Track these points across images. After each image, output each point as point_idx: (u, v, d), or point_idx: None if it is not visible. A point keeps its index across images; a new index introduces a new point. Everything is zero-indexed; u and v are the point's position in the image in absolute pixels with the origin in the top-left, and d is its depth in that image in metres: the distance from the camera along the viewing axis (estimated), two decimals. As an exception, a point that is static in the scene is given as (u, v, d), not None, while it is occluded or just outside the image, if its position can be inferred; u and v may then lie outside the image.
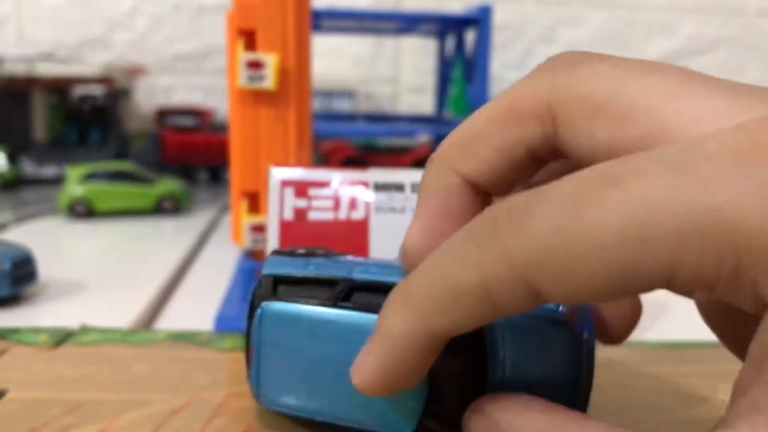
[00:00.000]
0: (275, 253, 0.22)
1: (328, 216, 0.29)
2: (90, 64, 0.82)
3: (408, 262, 0.18)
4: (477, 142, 0.18)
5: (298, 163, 0.37)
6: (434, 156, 0.18)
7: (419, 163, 0.79)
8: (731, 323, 0.18)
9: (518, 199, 0.14)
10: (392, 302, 0.16)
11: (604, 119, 0.16)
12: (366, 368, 0.16)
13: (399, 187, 0.29)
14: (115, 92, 0.86)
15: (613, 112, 0.16)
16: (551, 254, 0.13)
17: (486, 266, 0.14)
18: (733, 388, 0.13)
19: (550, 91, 0.17)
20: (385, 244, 0.29)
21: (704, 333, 0.20)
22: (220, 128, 0.86)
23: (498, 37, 0.99)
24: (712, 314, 0.19)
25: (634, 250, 0.12)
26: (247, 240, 0.36)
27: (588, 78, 0.16)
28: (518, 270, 0.13)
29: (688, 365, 0.28)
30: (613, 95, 0.16)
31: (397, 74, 0.99)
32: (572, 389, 0.18)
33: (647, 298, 0.19)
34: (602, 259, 0.13)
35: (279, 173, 0.29)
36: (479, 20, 0.46)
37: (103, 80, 0.80)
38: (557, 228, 0.13)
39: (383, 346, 0.16)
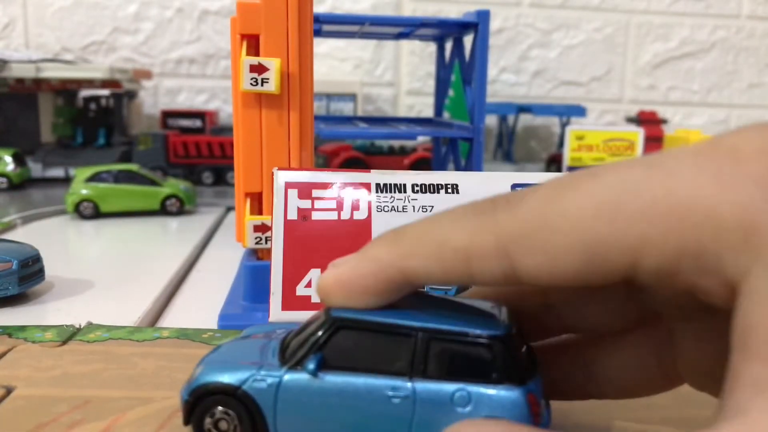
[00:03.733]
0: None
1: (332, 216, 0.29)
2: (96, 67, 0.83)
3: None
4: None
5: (301, 165, 0.37)
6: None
7: (419, 164, 0.80)
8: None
9: (517, 191, 0.16)
10: (384, 237, 0.18)
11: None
12: (337, 270, 0.18)
13: (400, 188, 0.30)
14: (120, 94, 0.87)
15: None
16: (532, 229, 0.15)
17: (476, 233, 0.16)
18: (726, 377, 0.14)
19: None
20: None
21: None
22: (221, 131, 0.87)
23: (495, 41, 0.99)
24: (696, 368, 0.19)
25: (604, 225, 0.14)
26: (249, 239, 0.36)
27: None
28: (502, 241, 0.15)
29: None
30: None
31: (397, 77, 1.00)
32: None
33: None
34: (575, 234, 0.14)
35: (283, 175, 0.29)
36: (477, 25, 0.47)
37: (109, 83, 0.81)
38: (541, 209, 0.15)
39: (359, 261, 0.17)
